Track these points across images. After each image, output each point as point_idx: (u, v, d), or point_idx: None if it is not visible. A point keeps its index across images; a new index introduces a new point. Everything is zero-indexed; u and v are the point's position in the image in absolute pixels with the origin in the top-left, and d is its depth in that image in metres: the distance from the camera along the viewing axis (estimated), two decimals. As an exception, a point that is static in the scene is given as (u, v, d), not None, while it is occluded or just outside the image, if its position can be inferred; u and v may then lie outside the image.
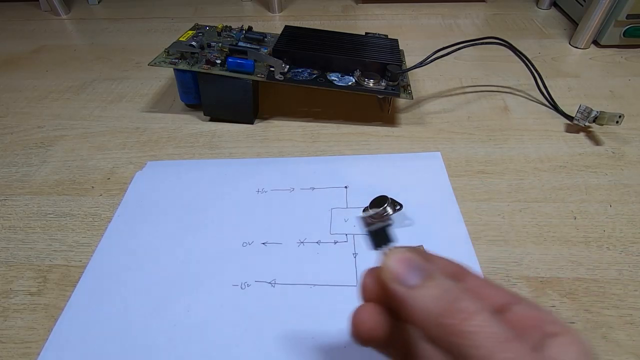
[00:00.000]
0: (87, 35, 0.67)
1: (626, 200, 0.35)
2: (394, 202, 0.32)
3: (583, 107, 0.41)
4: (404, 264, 0.14)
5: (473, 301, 0.13)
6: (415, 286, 0.14)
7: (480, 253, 0.31)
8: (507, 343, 0.12)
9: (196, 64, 0.42)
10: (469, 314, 0.12)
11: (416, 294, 0.14)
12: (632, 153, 0.40)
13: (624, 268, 0.30)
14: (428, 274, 0.14)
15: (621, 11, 0.52)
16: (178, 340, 0.26)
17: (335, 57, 0.42)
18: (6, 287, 0.30)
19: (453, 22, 0.67)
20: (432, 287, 0.14)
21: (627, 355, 0.25)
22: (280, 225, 0.33)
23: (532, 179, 0.37)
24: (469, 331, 0.12)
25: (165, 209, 0.35)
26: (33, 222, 0.35)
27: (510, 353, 0.12)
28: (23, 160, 0.41)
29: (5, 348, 0.26)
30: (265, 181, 0.37)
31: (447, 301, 0.13)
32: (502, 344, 0.12)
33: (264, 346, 0.25)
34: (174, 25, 0.69)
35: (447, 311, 0.13)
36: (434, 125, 0.44)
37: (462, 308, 0.13)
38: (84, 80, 0.54)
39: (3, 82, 0.54)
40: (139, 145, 0.42)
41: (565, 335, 0.13)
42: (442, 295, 0.13)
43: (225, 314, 0.27)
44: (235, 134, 0.43)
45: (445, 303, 0.13)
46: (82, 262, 0.31)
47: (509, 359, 0.11)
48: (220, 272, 0.30)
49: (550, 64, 0.54)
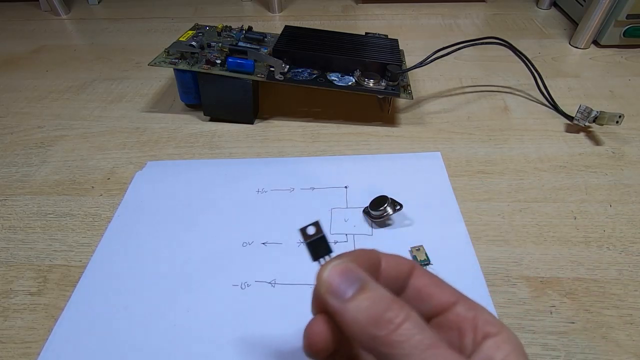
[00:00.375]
0: (87, 35, 0.67)
1: (626, 200, 0.35)
2: (394, 202, 0.32)
3: (583, 107, 0.41)
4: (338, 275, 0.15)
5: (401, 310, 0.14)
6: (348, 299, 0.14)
7: (480, 253, 0.31)
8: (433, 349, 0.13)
9: (196, 64, 0.42)
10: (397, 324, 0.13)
11: (349, 307, 0.14)
12: (632, 153, 0.40)
13: (624, 268, 0.30)
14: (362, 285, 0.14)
15: (621, 11, 0.52)
16: (178, 340, 0.26)
17: (335, 57, 0.42)
18: (6, 287, 0.30)
19: (453, 22, 0.67)
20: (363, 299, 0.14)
21: (627, 355, 0.25)
22: (280, 225, 0.33)
23: (532, 179, 0.37)
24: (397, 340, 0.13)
25: (165, 208, 0.35)
26: (33, 222, 0.35)
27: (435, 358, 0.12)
28: (23, 160, 0.41)
29: (5, 348, 0.26)
30: (265, 181, 0.37)
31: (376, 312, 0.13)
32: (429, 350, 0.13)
33: (264, 346, 0.25)
34: (174, 25, 0.69)
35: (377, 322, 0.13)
36: (434, 125, 0.44)
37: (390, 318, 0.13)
38: (84, 80, 0.54)
39: (3, 82, 0.54)
40: (139, 145, 0.42)
41: (500, 335, 0.14)
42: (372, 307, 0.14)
43: (225, 314, 0.27)
44: (235, 134, 0.43)
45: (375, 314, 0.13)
46: (82, 262, 0.31)
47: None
48: (220, 272, 0.30)
49: (550, 64, 0.54)
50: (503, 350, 0.14)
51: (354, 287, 0.14)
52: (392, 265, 0.17)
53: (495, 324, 0.15)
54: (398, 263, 0.17)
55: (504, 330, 0.15)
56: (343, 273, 0.15)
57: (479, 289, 0.28)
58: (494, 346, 0.14)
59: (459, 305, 0.16)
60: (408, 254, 0.30)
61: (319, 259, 0.17)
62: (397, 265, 0.17)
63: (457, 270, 0.29)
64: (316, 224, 0.17)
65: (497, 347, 0.14)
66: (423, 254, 0.30)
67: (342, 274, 0.15)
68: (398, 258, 0.18)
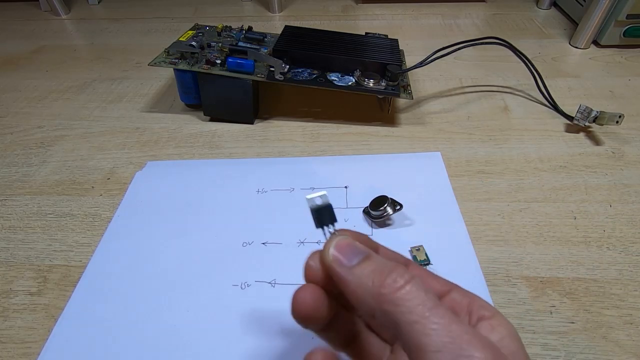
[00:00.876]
0: (87, 35, 0.67)
1: (626, 200, 0.35)
2: (394, 202, 0.32)
3: (583, 107, 0.41)
4: (344, 248, 0.16)
5: (404, 272, 0.14)
6: (353, 266, 0.15)
7: (480, 253, 0.31)
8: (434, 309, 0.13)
9: (196, 64, 0.42)
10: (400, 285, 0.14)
11: (354, 271, 0.15)
12: (632, 153, 0.40)
13: (624, 268, 0.30)
14: (366, 256, 0.15)
15: (621, 11, 0.52)
16: (178, 340, 0.26)
17: (335, 57, 0.42)
18: (6, 287, 0.30)
19: (453, 22, 0.67)
20: (368, 265, 0.15)
21: (627, 355, 0.25)
22: (280, 225, 0.33)
23: (532, 179, 0.37)
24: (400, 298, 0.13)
25: (165, 209, 0.35)
26: (33, 222, 0.35)
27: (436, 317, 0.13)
28: (23, 160, 0.41)
29: (5, 348, 0.26)
30: (265, 181, 0.37)
31: (381, 274, 0.14)
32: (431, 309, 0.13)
33: (264, 346, 0.25)
34: (174, 25, 0.69)
35: (382, 283, 0.14)
36: (434, 125, 0.44)
37: (394, 279, 0.14)
38: (84, 80, 0.54)
39: (3, 82, 0.54)
40: (139, 145, 0.42)
41: (494, 318, 0.15)
42: (377, 270, 0.15)
43: (225, 314, 0.27)
44: (235, 134, 0.43)
45: (380, 276, 0.14)
46: (82, 262, 0.31)
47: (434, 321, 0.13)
48: (220, 272, 0.30)
49: (550, 64, 0.54)
50: (498, 332, 0.14)
51: (359, 257, 0.15)
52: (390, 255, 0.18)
53: (489, 308, 0.16)
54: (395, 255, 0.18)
55: (498, 314, 0.15)
56: (349, 245, 0.16)
57: (479, 289, 0.28)
58: (489, 328, 0.15)
59: (454, 292, 0.17)
60: (408, 254, 0.30)
61: (323, 226, 0.17)
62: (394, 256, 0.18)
63: (457, 271, 0.29)
64: (323, 195, 0.18)
65: (492, 329, 0.15)
66: (423, 254, 0.30)
67: (348, 246, 0.16)
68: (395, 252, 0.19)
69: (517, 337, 0.15)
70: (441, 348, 0.12)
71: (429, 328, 0.13)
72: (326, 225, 0.17)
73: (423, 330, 0.13)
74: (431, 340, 0.13)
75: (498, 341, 0.14)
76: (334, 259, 0.15)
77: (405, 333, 0.13)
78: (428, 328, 0.13)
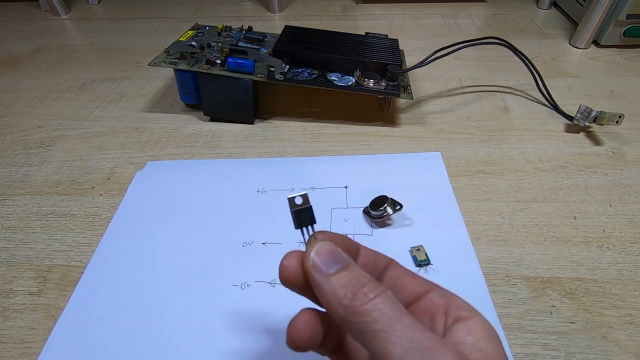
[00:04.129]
0: (87, 35, 0.67)
1: (626, 200, 0.35)
2: (394, 202, 0.32)
3: (583, 107, 0.41)
4: (324, 255, 0.16)
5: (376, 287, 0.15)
6: (330, 274, 0.15)
7: (480, 253, 0.31)
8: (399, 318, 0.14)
9: (196, 64, 0.42)
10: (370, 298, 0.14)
11: (330, 280, 0.15)
12: (632, 153, 0.40)
13: (624, 268, 0.30)
14: (344, 265, 0.16)
15: (621, 11, 0.52)
16: (178, 340, 0.26)
17: (335, 57, 0.42)
18: (6, 287, 0.30)
19: (453, 22, 0.67)
20: (343, 276, 0.15)
21: (627, 355, 0.25)
22: (280, 225, 0.33)
23: (532, 179, 0.37)
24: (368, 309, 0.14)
25: (165, 209, 0.35)
26: (33, 222, 0.35)
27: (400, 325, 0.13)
28: (23, 160, 0.41)
29: (5, 348, 0.26)
30: (265, 181, 0.37)
31: (354, 287, 0.15)
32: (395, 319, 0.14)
33: (264, 346, 0.25)
34: (174, 25, 0.69)
35: (353, 295, 0.14)
36: (434, 125, 0.44)
37: (366, 292, 0.14)
38: (84, 80, 0.54)
39: (3, 82, 0.54)
40: (139, 145, 0.42)
41: (471, 319, 0.15)
42: (351, 282, 0.15)
43: (225, 314, 0.27)
44: (235, 134, 0.43)
45: (352, 288, 0.15)
46: (82, 262, 0.31)
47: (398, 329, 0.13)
48: (220, 272, 0.30)
49: (550, 64, 0.54)
50: (474, 335, 0.14)
51: (337, 267, 0.16)
52: (370, 256, 0.18)
53: (467, 309, 0.16)
54: (375, 255, 0.19)
55: (476, 315, 0.15)
56: (329, 252, 0.16)
57: (479, 289, 0.28)
58: (465, 330, 0.15)
59: (432, 292, 0.17)
60: (408, 254, 0.30)
61: (302, 228, 0.18)
62: (375, 256, 0.19)
63: (457, 270, 0.29)
64: (304, 196, 0.18)
65: (468, 331, 0.15)
66: (423, 254, 0.30)
67: (328, 253, 0.16)
68: (376, 252, 0.19)
69: (495, 339, 0.15)
70: (405, 354, 0.13)
71: (394, 335, 0.13)
72: (305, 227, 0.18)
73: (388, 338, 0.13)
74: (395, 347, 0.13)
75: (473, 343, 0.14)
76: (313, 265, 0.16)
77: (371, 342, 0.14)
78: (392, 335, 0.13)
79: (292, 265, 0.17)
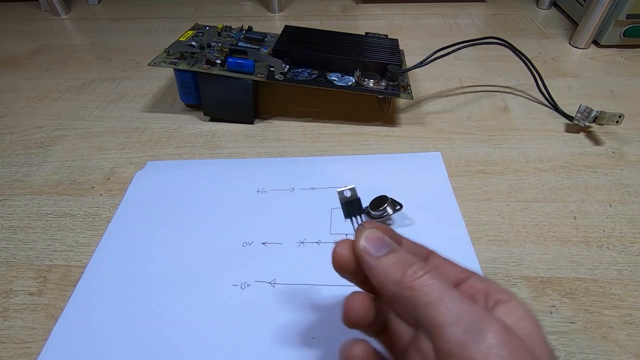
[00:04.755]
0: (87, 35, 0.67)
1: (626, 200, 0.35)
2: (394, 202, 0.32)
3: (583, 107, 0.41)
4: (373, 240, 0.18)
5: (423, 266, 0.16)
6: (380, 256, 0.17)
7: (480, 253, 0.31)
8: (447, 291, 0.15)
9: (196, 64, 0.42)
10: (419, 275, 0.16)
11: (380, 261, 0.17)
12: (632, 153, 0.40)
13: (624, 268, 0.30)
14: (392, 249, 0.17)
15: (621, 11, 0.52)
16: (178, 340, 0.26)
17: (335, 57, 0.42)
18: (6, 287, 0.30)
19: (453, 22, 0.67)
20: (392, 257, 0.17)
21: (627, 355, 0.25)
22: (280, 225, 0.33)
23: (532, 179, 0.37)
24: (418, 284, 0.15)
25: (165, 209, 0.35)
26: (33, 222, 0.35)
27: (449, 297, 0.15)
28: (23, 160, 0.41)
29: (5, 348, 0.26)
30: (265, 181, 0.37)
31: (403, 266, 0.16)
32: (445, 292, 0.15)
33: (264, 346, 0.25)
34: (174, 25, 0.69)
35: (403, 273, 0.16)
36: (434, 125, 0.44)
37: (414, 270, 0.16)
38: (84, 80, 0.54)
39: (3, 82, 0.54)
40: (139, 145, 0.42)
41: (511, 302, 0.16)
42: (400, 262, 0.17)
43: (225, 314, 0.27)
44: (235, 134, 0.43)
45: (402, 267, 0.16)
46: (82, 262, 0.31)
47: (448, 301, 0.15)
48: (220, 272, 0.30)
49: (550, 64, 0.54)
50: (514, 315, 0.15)
51: (385, 250, 0.17)
52: (411, 246, 0.20)
53: (506, 292, 0.17)
54: (416, 246, 0.20)
55: (514, 298, 0.16)
56: (378, 238, 0.18)
57: (479, 289, 0.28)
58: (505, 311, 0.16)
59: (473, 278, 0.18)
60: (408, 254, 0.30)
61: (351, 217, 0.20)
62: (415, 247, 0.20)
63: (457, 270, 0.29)
64: (352, 189, 0.20)
65: (509, 312, 0.15)
66: (423, 254, 0.30)
67: (377, 239, 0.18)
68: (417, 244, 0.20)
69: (534, 319, 0.15)
70: (455, 322, 0.14)
71: (443, 307, 0.14)
72: (354, 217, 0.20)
73: (438, 309, 0.14)
74: (445, 317, 0.14)
75: (514, 322, 0.15)
76: (364, 249, 0.18)
77: (422, 314, 0.15)
78: (442, 307, 0.14)
79: (344, 253, 0.19)
